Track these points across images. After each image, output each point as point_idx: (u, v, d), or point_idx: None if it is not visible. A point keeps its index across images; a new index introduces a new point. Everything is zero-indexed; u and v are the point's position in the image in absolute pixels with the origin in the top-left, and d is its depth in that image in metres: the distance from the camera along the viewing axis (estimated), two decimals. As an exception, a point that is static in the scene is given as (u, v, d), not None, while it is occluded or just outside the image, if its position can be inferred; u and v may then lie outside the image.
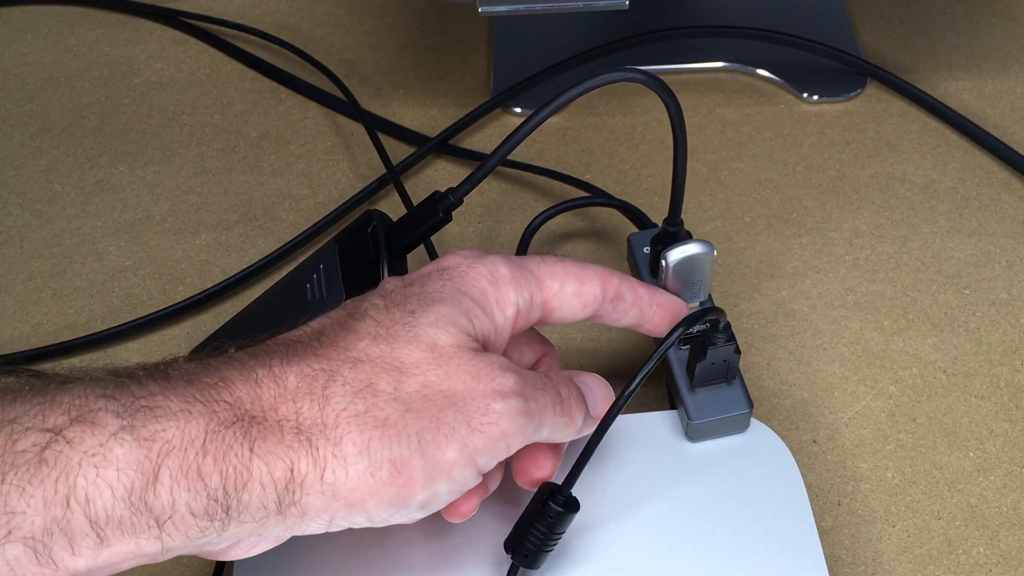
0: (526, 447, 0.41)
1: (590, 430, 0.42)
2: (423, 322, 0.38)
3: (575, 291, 0.43)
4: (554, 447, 0.43)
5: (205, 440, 0.34)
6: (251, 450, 0.35)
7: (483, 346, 0.40)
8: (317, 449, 0.35)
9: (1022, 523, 0.48)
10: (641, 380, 0.41)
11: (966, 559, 0.47)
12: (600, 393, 0.43)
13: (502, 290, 0.41)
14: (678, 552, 0.44)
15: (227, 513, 0.34)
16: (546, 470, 0.42)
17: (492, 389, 0.38)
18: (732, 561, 0.43)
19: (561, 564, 0.43)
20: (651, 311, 0.45)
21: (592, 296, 0.43)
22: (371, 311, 0.39)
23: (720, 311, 0.44)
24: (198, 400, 0.35)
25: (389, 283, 0.41)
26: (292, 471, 0.35)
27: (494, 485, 0.42)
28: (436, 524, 0.44)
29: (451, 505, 0.39)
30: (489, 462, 0.38)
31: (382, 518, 0.37)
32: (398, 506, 0.36)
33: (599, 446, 0.41)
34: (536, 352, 0.46)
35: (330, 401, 0.36)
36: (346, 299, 0.47)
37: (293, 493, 0.35)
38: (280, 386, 0.36)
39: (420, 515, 0.38)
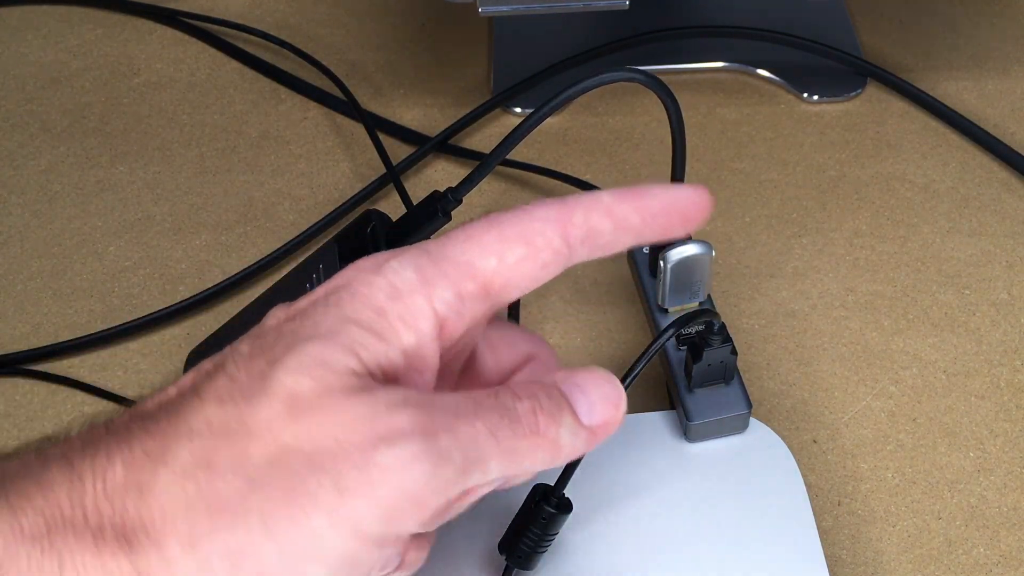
0: None
1: (588, 446, 0.33)
2: (282, 369, 0.30)
3: (523, 256, 0.33)
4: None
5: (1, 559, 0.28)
6: (60, 568, 0.29)
7: (390, 378, 0.32)
8: (140, 555, 0.29)
9: (1022, 523, 0.48)
10: (631, 381, 0.41)
11: (966, 559, 0.47)
12: (599, 394, 0.34)
13: (407, 302, 0.32)
14: (677, 552, 0.44)
15: None
16: None
17: (373, 436, 0.29)
18: (732, 561, 0.43)
19: (558, 565, 0.43)
20: (644, 216, 0.35)
21: (551, 253, 0.33)
22: (229, 364, 0.31)
23: (713, 313, 0.44)
24: (2, 507, 0.29)
25: (272, 317, 0.33)
26: None
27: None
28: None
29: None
30: (397, 528, 0.30)
31: None
32: None
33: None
34: (517, 356, 0.37)
35: (154, 492, 0.29)
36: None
37: None
38: (106, 480, 0.30)
39: None
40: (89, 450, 0.30)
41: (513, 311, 0.53)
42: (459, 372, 0.37)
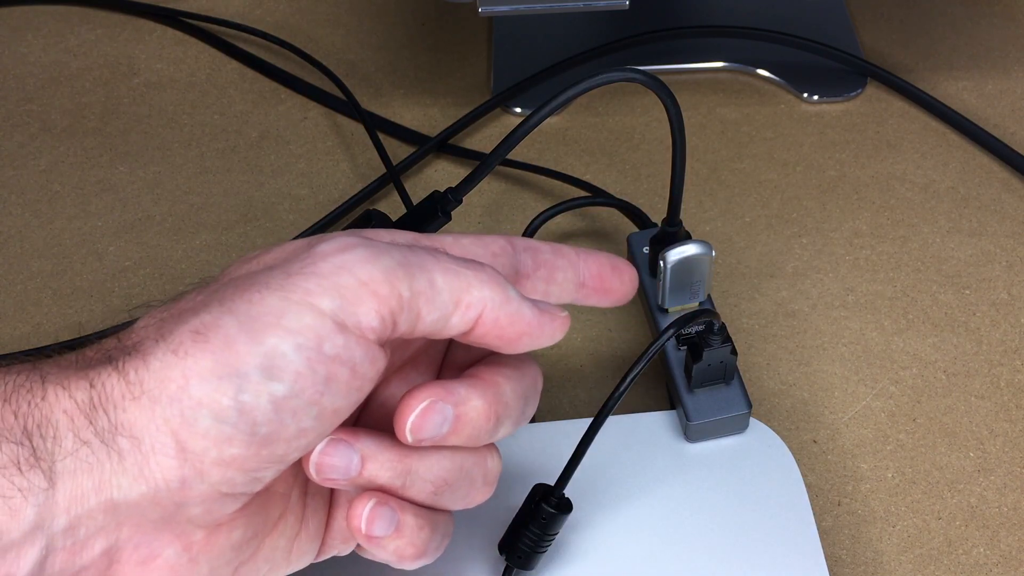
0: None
1: (545, 315, 0.36)
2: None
3: (473, 240, 0.38)
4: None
5: None
6: (42, 380, 0.31)
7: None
8: (118, 362, 0.32)
9: (1022, 523, 0.48)
10: (631, 381, 0.41)
11: (966, 559, 0.47)
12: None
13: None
14: (677, 552, 0.44)
15: (37, 457, 0.30)
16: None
17: (314, 239, 0.34)
18: (732, 561, 0.43)
19: (558, 565, 0.43)
20: (583, 261, 0.40)
21: (499, 247, 0.38)
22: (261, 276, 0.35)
23: (713, 313, 0.44)
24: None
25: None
26: (92, 386, 0.31)
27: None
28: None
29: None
30: (354, 311, 0.33)
31: (231, 402, 0.31)
32: (232, 375, 0.31)
33: (592, 446, 0.41)
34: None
35: (134, 328, 0.33)
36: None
37: (104, 412, 0.31)
38: (101, 345, 0.34)
39: (280, 389, 0.32)
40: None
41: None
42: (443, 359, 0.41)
